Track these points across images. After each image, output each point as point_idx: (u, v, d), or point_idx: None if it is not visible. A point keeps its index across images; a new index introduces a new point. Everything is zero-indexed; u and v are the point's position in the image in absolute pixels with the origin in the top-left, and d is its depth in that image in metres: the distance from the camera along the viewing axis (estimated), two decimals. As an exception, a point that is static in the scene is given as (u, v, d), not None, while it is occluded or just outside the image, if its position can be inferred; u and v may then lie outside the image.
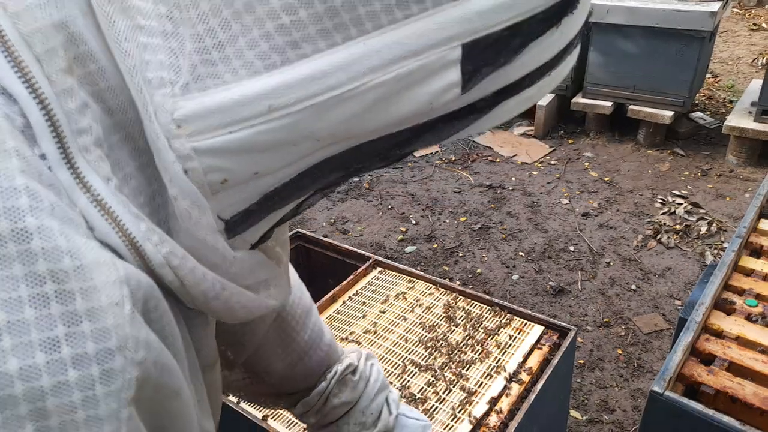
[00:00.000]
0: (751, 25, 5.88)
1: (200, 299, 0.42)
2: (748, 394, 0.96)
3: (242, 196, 0.41)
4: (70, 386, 0.32)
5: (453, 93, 0.37)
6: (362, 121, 0.38)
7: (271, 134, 0.37)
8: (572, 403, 2.14)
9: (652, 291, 2.66)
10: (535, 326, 1.34)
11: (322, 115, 0.37)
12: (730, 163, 3.59)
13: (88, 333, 0.33)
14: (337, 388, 0.81)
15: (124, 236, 0.38)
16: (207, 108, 0.36)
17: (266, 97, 0.36)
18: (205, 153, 0.37)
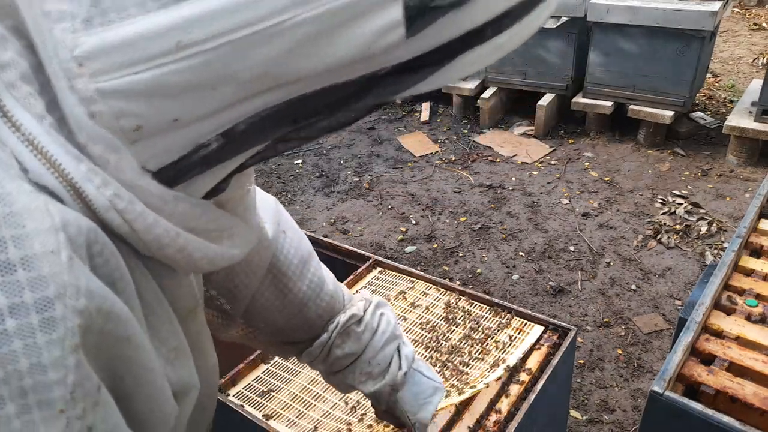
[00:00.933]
0: (752, 24, 5.87)
1: (153, 246, 0.40)
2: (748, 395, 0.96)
3: (167, 145, 0.37)
4: (10, 335, 0.31)
5: (396, 35, 0.33)
6: (291, 64, 0.34)
7: (182, 75, 0.33)
8: (572, 403, 2.14)
9: (652, 291, 2.66)
10: (535, 326, 1.34)
11: (241, 54, 0.33)
12: (730, 163, 3.59)
13: (24, 282, 0.32)
14: (339, 339, 0.78)
15: (61, 178, 0.35)
16: (110, 44, 0.33)
17: (174, 32, 0.32)
18: (111, 95, 0.34)
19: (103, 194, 0.36)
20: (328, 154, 4.13)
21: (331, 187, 3.71)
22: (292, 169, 3.98)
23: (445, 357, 1.28)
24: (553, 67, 3.98)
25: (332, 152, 4.15)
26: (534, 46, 3.96)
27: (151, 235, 0.39)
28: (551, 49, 3.93)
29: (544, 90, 4.08)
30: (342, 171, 3.89)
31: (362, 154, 4.08)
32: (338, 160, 4.04)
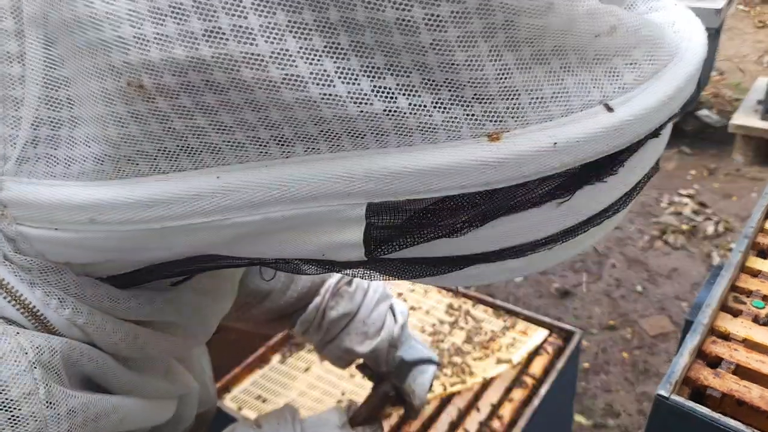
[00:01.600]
0: (757, 22, 5.83)
1: (113, 349, 0.40)
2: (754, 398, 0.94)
3: (106, 269, 0.38)
4: None
5: (354, 254, 0.29)
6: (224, 250, 0.32)
7: (101, 242, 0.32)
8: (577, 407, 2.12)
9: (658, 293, 2.63)
10: (539, 329, 1.32)
11: (160, 239, 0.31)
12: (736, 162, 3.55)
13: (5, 421, 0.33)
14: (333, 301, 0.79)
15: (22, 307, 0.36)
16: (31, 200, 0.32)
17: (89, 210, 0.31)
18: (35, 239, 0.34)
19: (61, 315, 0.37)
20: (330, 156, 4.12)
21: (334, 189, 3.71)
22: (295, 172, 3.98)
23: (447, 359, 1.26)
24: (556, 67, 3.96)
25: (335, 154, 4.15)
26: (537, 45, 3.94)
27: (112, 341, 0.39)
28: (554, 48, 3.92)
29: (548, 90, 4.06)
30: (345, 173, 3.89)
31: (365, 156, 4.07)
32: (341, 162, 4.04)
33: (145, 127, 0.27)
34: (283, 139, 0.26)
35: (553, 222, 0.29)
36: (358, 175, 0.26)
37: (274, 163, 0.27)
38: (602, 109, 0.26)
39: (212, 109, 0.26)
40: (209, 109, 0.26)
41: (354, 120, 0.25)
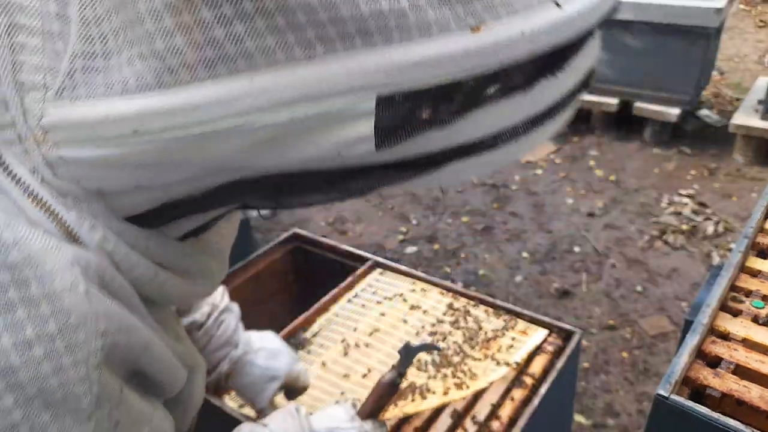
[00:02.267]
0: (758, 22, 5.82)
1: (136, 283, 0.43)
2: (754, 397, 0.94)
3: (133, 204, 0.41)
4: (39, 360, 0.36)
5: (365, 147, 0.33)
6: (253, 157, 0.36)
7: (139, 156, 0.35)
8: (577, 407, 2.12)
9: (658, 292, 2.63)
10: (539, 329, 1.32)
11: (197, 146, 0.35)
12: (737, 162, 3.55)
13: (48, 314, 0.36)
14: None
15: (59, 225, 0.39)
16: (74, 120, 0.35)
17: (132, 120, 0.34)
18: (73, 162, 0.37)
19: (93, 239, 0.40)
20: (330, 155, 4.12)
21: (334, 188, 3.70)
22: (295, 170, 3.97)
23: (447, 359, 1.26)
24: (556, 66, 3.96)
25: (335, 153, 4.14)
26: (537, 45, 3.94)
27: (134, 274, 0.42)
28: (555, 47, 3.91)
29: (548, 89, 4.06)
30: (344, 172, 3.88)
31: (365, 155, 4.06)
32: (341, 160, 4.03)
33: (189, 37, 0.31)
34: (306, 41, 0.30)
35: (521, 111, 0.36)
36: (370, 69, 0.31)
37: (299, 64, 0.31)
38: (553, 5, 0.32)
39: (249, 16, 0.30)
40: (247, 15, 0.30)
41: (366, 19, 0.30)
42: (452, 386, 1.17)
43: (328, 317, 1.43)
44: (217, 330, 0.95)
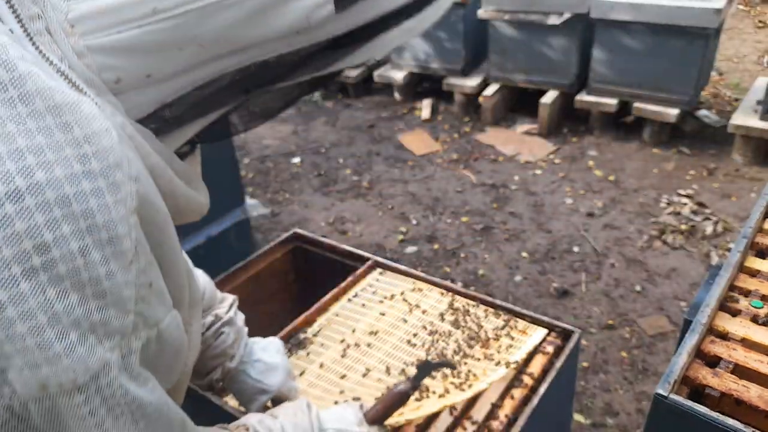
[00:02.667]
0: (757, 22, 5.83)
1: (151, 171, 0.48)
2: (753, 397, 0.94)
3: (141, 101, 0.48)
4: (86, 195, 0.40)
5: (327, 10, 0.44)
6: (243, 30, 0.44)
7: (156, 35, 0.43)
8: (576, 406, 2.12)
9: (657, 292, 2.63)
10: (538, 329, 1.32)
11: (203, 19, 0.43)
12: (735, 162, 3.55)
13: (91, 153, 0.41)
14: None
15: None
16: (98, 9, 0.42)
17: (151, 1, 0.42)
18: (97, 50, 0.44)
19: (115, 122, 0.45)
20: (326, 153, 4.11)
21: (330, 187, 3.69)
22: (290, 168, 3.96)
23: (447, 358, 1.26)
24: (556, 65, 3.96)
25: (331, 151, 4.14)
26: (537, 42, 3.94)
27: (149, 163, 0.47)
28: (554, 46, 3.91)
29: (548, 87, 4.06)
30: (341, 170, 3.88)
31: (361, 153, 4.06)
32: (337, 158, 4.02)
33: None
34: None
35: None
36: None
37: None
38: None
39: None
40: None
41: None
42: (451, 387, 1.17)
43: (328, 317, 1.43)
44: (215, 341, 0.98)
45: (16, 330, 0.38)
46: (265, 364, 1.02)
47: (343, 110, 4.74)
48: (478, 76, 4.36)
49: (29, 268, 0.38)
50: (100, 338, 0.41)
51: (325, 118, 4.63)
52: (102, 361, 0.41)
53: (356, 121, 4.52)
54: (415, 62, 4.50)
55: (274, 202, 3.61)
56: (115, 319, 0.42)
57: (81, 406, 0.41)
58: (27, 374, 0.38)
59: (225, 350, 0.99)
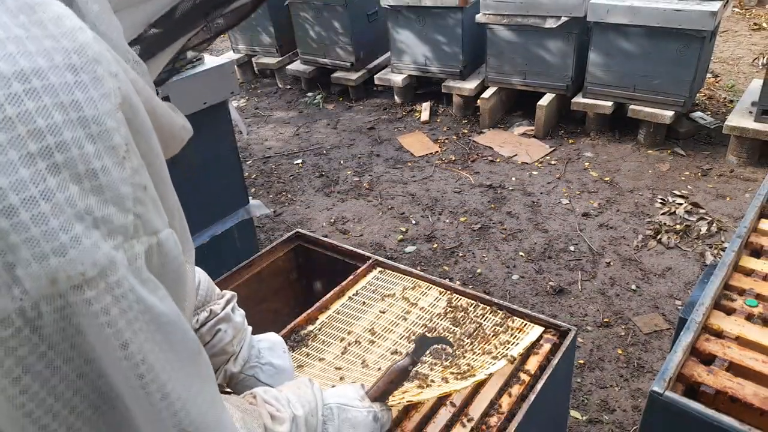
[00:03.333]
0: (752, 24, 5.87)
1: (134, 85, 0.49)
2: (748, 394, 0.96)
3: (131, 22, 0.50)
4: (71, 86, 0.39)
5: None
6: None
7: None
8: (572, 403, 2.14)
9: (652, 291, 2.66)
10: (535, 326, 1.34)
11: None
12: (730, 163, 3.59)
13: (70, 48, 0.40)
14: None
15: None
16: None
17: None
18: None
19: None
20: (328, 154, 4.13)
21: (331, 187, 3.71)
22: (292, 169, 3.98)
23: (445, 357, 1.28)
24: (553, 67, 3.98)
25: (332, 152, 4.15)
26: (534, 46, 3.96)
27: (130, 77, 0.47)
28: (551, 49, 3.93)
29: (544, 90, 4.08)
30: (342, 171, 3.89)
31: (362, 154, 4.08)
32: (338, 160, 4.04)
33: None
34: None
35: None
36: None
37: None
38: None
39: None
40: None
41: None
42: (451, 377, 1.18)
43: (329, 315, 1.44)
44: (212, 338, 0.96)
45: (20, 218, 0.37)
46: (274, 368, 1.01)
47: (344, 112, 4.76)
48: (476, 79, 4.39)
49: (26, 154, 0.37)
50: (104, 235, 0.40)
51: (327, 121, 4.64)
52: (108, 258, 0.40)
53: (357, 123, 4.54)
54: (414, 66, 4.52)
55: (277, 202, 3.62)
56: (116, 217, 0.41)
57: (92, 302, 0.39)
58: (35, 268, 0.37)
59: (224, 348, 0.97)
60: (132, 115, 0.44)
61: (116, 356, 0.41)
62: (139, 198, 0.43)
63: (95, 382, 0.42)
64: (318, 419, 0.81)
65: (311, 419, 0.80)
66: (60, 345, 0.39)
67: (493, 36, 4.06)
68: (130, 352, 0.42)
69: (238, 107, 5.04)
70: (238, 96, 5.02)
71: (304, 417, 0.79)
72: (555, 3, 3.70)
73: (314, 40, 4.88)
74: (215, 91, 2.25)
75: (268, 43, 5.25)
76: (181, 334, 0.47)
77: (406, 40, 4.44)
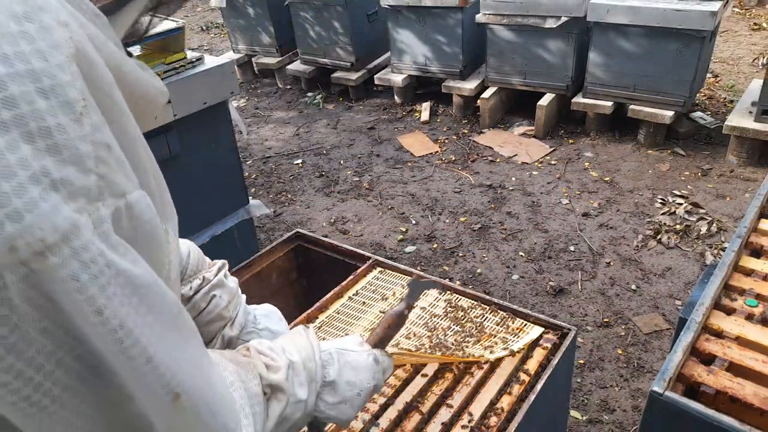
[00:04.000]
0: (752, 24, 5.87)
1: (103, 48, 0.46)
2: (748, 394, 0.96)
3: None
4: (15, 36, 0.37)
5: None
6: None
7: None
8: (572, 403, 2.14)
9: (652, 291, 2.66)
10: (534, 326, 1.34)
11: None
12: (730, 163, 3.59)
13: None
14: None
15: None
16: None
17: None
18: None
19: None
20: (328, 154, 4.13)
21: (331, 187, 3.71)
22: (292, 170, 3.98)
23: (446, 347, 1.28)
24: (553, 67, 3.98)
25: (332, 152, 4.15)
26: (534, 46, 3.96)
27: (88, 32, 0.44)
28: (551, 49, 3.93)
29: (544, 90, 4.08)
30: (342, 171, 3.89)
31: (362, 154, 4.08)
32: (338, 160, 4.04)
33: None
34: None
35: None
36: None
37: None
38: None
39: None
40: None
41: None
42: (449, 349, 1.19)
43: (330, 314, 1.44)
44: (207, 305, 0.93)
45: None
46: (271, 332, 0.99)
47: (344, 113, 4.76)
48: (476, 79, 4.39)
49: None
50: (64, 198, 0.38)
51: (327, 121, 4.64)
52: (70, 221, 0.38)
53: (357, 123, 4.54)
54: (414, 66, 4.52)
55: (277, 202, 3.62)
56: (77, 178, 0.38)
57: (58, 268, 0.37)
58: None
59: (220, 314, 0.95)
60: (88, 68, 0.41)
61: (93, 323, 0.40)
62: (101, 157, 0.40)
63: (77, 351, 0.41)
64: (316, 363, 0.77)
65: (309, 364, 0.77)
66: (31, 315, 0.37)
67: (493, 36, 4.06)
68: (106, 317, 0.40)
69: (238, 107, 5.04)
70: (238, 96, 5.02)
71: (302, 362, 0.76)
72: (555, 3, 3.70)
73: (314, 40, 4.88)
74: (215, 91, 2.25)
75: (268, 43, 5.25)
76: (159, 297, 0.45)
77: (406, 40, 4.44)
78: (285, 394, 0.72)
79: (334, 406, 0.79)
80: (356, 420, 1.16)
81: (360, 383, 0.81)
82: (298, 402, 0.74)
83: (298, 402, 0.74)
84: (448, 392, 1.21)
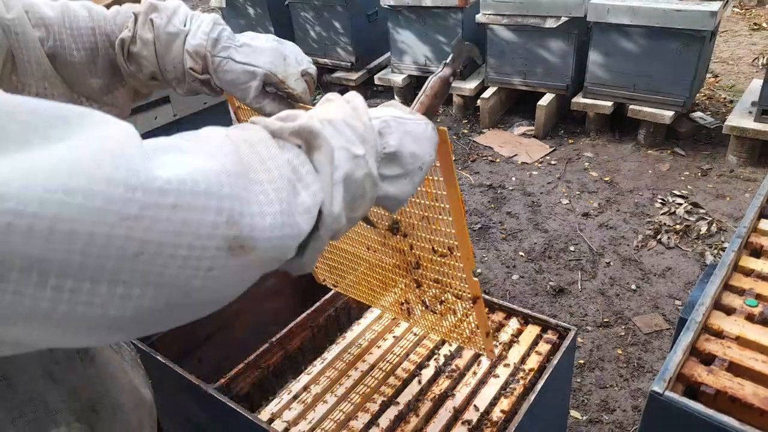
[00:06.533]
0: (752, 24, 5.87)
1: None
2: (748, 394, 0.96)
3: None
4: None
5: None
6: None
7: None
8: (572, 403, 2.14)
9: (652, 291, 2.66)
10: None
11: None
12: (730, 163, 3.59)
13: None
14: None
15: None
16: None
17: None
18: None
19: None
20: (328, 154, 4.12)
21: (331, 187, 3.71)
22: (292, 169, 3.97)
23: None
24: (553, 67, 3.98)
25: (332, 152, 4.15)
26: (534, 46, 3.96)
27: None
28: (551, 49, 3.93)
29: (544, 90, 4.08)
30: (342, 171, 3.89)
31: (362, 154, 4.08)
32: (338, 160, 4.04)
33: None
34: None
35: None
36: None
37: None
38: None
39: None
40: None
41: None
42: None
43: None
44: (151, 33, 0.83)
45: None
46: (251, 48, 0.86)
47: (341, 110, 4.76)
48: (476, 79, 4.39)
49: None
50: None
51: (323, 118, 4.64)
52: None
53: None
54: (414, 66, 4.52)
55: (273, 201, 3.62)
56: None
57: None
58: None
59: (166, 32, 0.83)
60: None
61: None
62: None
63: None
64: (365, 125, 0.59)
65: (354, 122, 0.58)
66: None
67: (493, 36, 4.06)
68: None
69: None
70: (238, 96, 5.02)
71: (343, 119, 0.58)
72: (555, 3, 3.70)
73: (314, 40, 4.88)
74: (215, 91, 2.25)
75: (268, 43, 5.25)
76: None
77: (406, 40, 4.44)
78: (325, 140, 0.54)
79: (394, 180, 0.63)
80: (356, 420, 1.16)
81: (423, 155, 0.65)
82: (357, 157, 0.56)
83: (356, 157, 0.56)
84: (448, 392, 1.21)
